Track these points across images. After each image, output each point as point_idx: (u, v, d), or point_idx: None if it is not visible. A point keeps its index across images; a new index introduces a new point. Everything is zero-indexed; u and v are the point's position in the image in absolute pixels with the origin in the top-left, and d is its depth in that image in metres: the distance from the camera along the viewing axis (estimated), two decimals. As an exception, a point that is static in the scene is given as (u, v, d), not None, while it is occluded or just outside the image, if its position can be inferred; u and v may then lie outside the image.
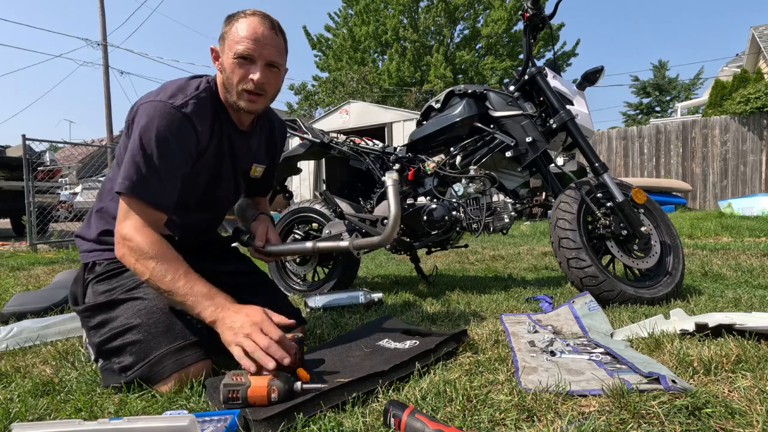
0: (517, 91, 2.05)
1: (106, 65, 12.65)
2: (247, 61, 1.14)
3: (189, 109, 1.13)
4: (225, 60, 1.16)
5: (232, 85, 1.16)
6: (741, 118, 8.03)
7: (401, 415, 0.75)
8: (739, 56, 15.11)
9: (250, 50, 1.13)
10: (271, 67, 1.17)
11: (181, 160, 1.12)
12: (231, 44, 1.13)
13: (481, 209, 1.98)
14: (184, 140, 1.12)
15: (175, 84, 1.19)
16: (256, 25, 1.13)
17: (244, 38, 1.12)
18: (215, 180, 1.30)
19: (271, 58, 1.16)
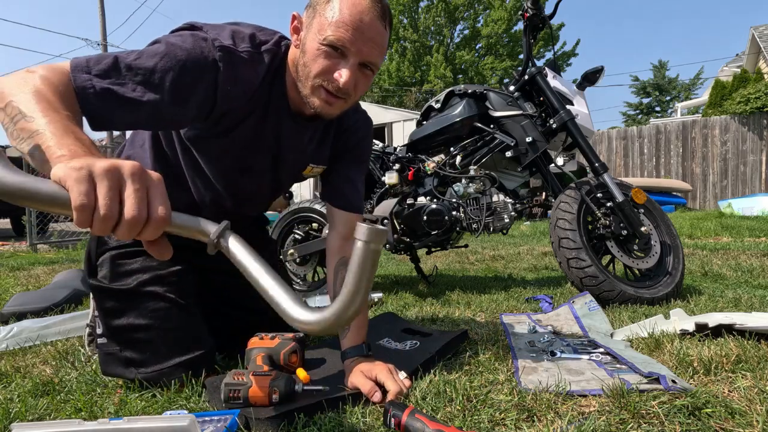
0: (517, 91, 2.06)
1: (106, 65, 12.64)
2: (336, 53, 0.87)
3: (226, 55, 0.86)
4: (308, 40, 0.88)
5: (309, 74, 0.90)
6: (741, 118, 8.03)
7: (401, 415, 0.75)
8: (739, 56, 15.12)
9: (345, 41, 0.85)
10: (364, 67, 0.91)
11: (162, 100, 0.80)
12: (323, 23, 0.85)
13: (481, 209, 1.98)
14: (185, 83, 0.83)
15: (247, 27, 0.95)
16: (363, 9, 0.85)
17: (343, 23, 0.84)
18: (241, 172, 1.06)
19: (369, 58, 0.89)
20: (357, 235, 0.53)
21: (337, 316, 0.56)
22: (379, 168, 2.18)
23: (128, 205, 0.49)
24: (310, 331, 0.57)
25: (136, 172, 0.50)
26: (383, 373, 0.91)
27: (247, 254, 0.59)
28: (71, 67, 0.73)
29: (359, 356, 0.99)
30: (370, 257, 0.53)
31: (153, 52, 0.81)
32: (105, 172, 0.49)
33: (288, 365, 1.02)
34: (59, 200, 0.48)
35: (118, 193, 0.49)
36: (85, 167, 0.48)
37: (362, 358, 0.98)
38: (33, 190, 0.47)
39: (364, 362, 0.96)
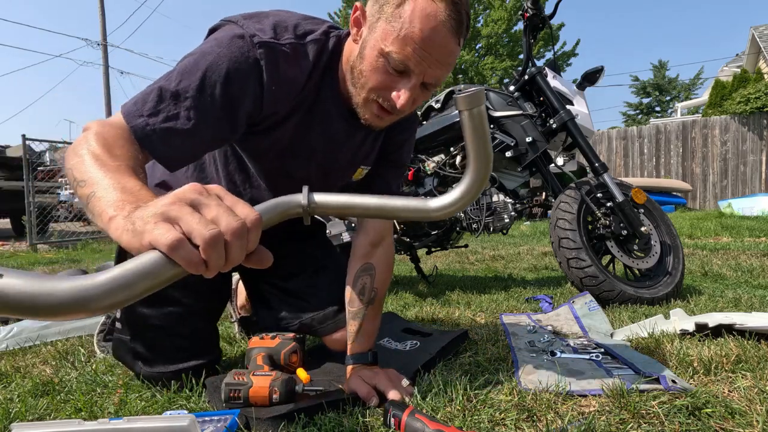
0: (517, 91, 2.06)
1: (106, 65, 12.66)
2: (398, 71, 0.78)
3: (267, 53, 0.77)
4: (369, 44, 0.78)
5: (364, 84, 0.81)
6: (741, 118, 8.03)
7: (401, 415, 0.75)
8: (739, 56, 15.12)
9: (410, 62, 0.76)
10: (425, 86, 0.82)
11: (215, 118, 0.75)
12: (388, 32, 0.75)
13: (481, 209, 1.98)
14: (238, 86, 0.76)
15: (293, 16, 0.85)
16: (437, 24, 0.73)
17: (412, 39, 0.74)
18: (284, 175, 0.97)
19: (432, 80, 0.80)
20: (458, 107, 0.52)
21: (469, 190, 0.56)
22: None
23: (221, 221, 0.42)
24: (451, 213, 0.57)
25: (199, 190, 0.44)
26: (383, 382, 0.89)
27: (342, 197, 0.57)
28: (125, 117, 0.70)
29: (363, 364, 0.98)
30: (477, 122, 0.52)
31: (193, 68, 0.74)
32: (172, 203, 0.43)
33: (288, 365, 1.02)
34: (155, 265, 0.39)
35: (202, 215, 0.42)
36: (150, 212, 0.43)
37: (365, 366, 0.97)
38: (131, 279, 0.38)
39: (366, 369, 0.95)
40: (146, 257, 0.39)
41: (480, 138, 0.53)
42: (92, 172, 0.55)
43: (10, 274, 0.34)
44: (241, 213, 0.44)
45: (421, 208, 0.56)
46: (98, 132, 0.64)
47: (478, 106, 0.51)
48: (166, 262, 0.39)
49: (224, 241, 0.41)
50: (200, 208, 0.43)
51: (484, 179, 0.56)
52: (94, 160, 0.57)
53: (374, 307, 1.02)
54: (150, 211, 0.43)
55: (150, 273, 0.38)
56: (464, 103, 0.51)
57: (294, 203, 0.54)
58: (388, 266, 1.06)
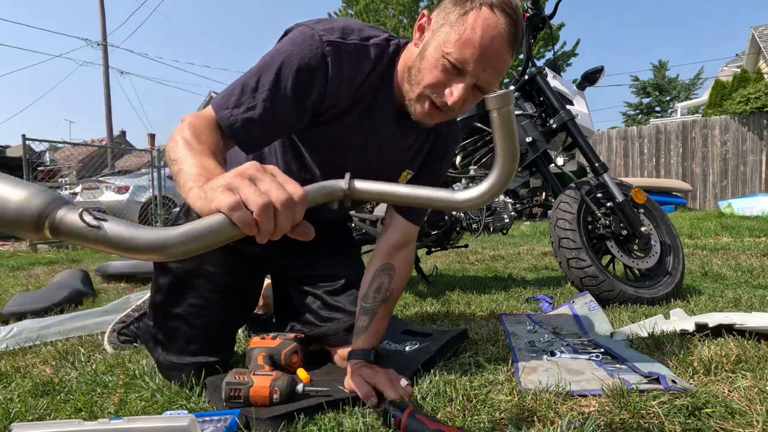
0: (517, 91, 2.06)
1: (106, 65, 12.66)
2: (455, 70, 0.84)
3: (334, 50, 0.86)
4: (431, 46, 0.85)
5: (420, 81, 0.87)
6: (741, 118, 8.03)
7: (401, 416, 0.75)
8: (739, 56, 15.12)
9: (467, 62, 0.82)
10: (477, 89, 0.87)
11: (283, 97, 0.84)
12: (450, 37, 0.83)
13: (481, 209, 1.98)
14: (308, 77, 0.85)
15: (358, 23, 0.94)
16: (495, 34, 0.81)
17: (471, 43, 0.81)
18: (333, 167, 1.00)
19: (485, 83, 0.86)
20: (488, 107, 0.56)
21: (495, 185, 0.60)
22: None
23: (273, 193, 0.49)
24: (480, 204, 0.62)
25: (258, 168, 0.52)
26: (383, 381, 0.90)
27: (380, 185, 0.62)
28: (215, 109, 0.82)
29: (363, 360, 0.98)
30: (506, 120, 0.56)
31: (270, 64, 0.84)
32: (234, 176, 0.51)
33: (289, 365, 1.02)
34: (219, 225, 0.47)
35: (257, 187, 0.50)
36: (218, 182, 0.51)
37: (366, 364, 0.98)
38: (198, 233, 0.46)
39: (366, 367, 0.95)
40: (213, 218, 0.48)
41: (508, 136, 0.57)
42: (181, 153, 0.67)
43: (113, 221, 0.43)
44: (289, 189, 0.51)
45: (449, 199, 0.61)
46: (191, 122, 0.76)
47: (507, 105, 0.54)
48: (228, 222, 0.48)
49: (274, 209, 0.49)
50: (256, 181, 0.50)
51: (510, 175, 0.60)
52: (184, 144, 0.69)
53: (387, 306, 1.04)
54: (218, 182, 0.51)
55: (215, 230, 0.47)
56: (494, 103, 0.54)
57: (337, 187, 0.60)
58: (406, 270, 1.08)
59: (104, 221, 0.42)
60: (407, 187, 0.62)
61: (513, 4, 0.83)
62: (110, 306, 1.83)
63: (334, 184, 0.60)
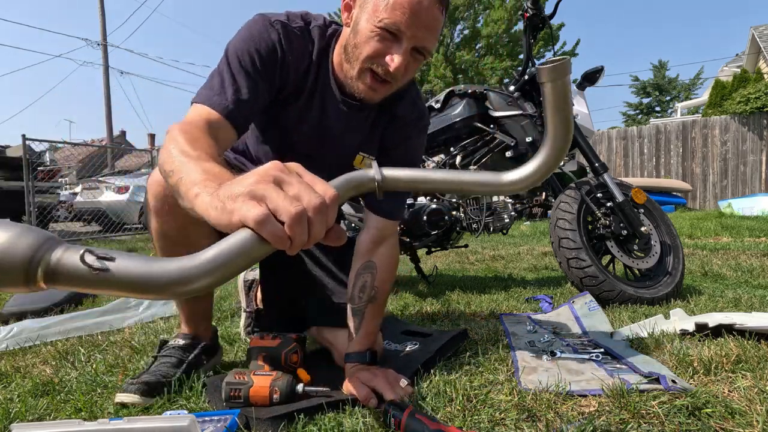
0: (517, 91, 2.06)
1: (106, 65, 12.66)
2: (391, 36, 0.85)
3: (283, 29, 0.92)
4: (362, 20, 0.87)
5: (358, 56, 0.88)
6: (741, 118, 8.03)
7: (401, 416, 0.75)
8: (739, 56, 15.11)
9: (401, 24, 0.83)
10: (416, 52, 0.88)
11: (255, 68, 0.89)
12: (378, 4, 0.84)
13: (481, 209, 1.98)
14: (268, 51, 0.91)
15: (302, 11, 1.00)
16: None
17: (400, 5, 0.82)
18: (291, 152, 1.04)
19: (423, 43, 0.87)
20: (541, 79, 0.51)
21: (546, 162, 0.55)
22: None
23: (304, 197, 0.43)
24: (529, 185, 0.57)
25: (282, 168, 0.46)
26: (381, 383, 0.89)
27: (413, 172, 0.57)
28: (206, 102, 0.83)
29: (360, 363, 0.98)
30: (561, 93, 0.51)
31: (236, 51, 0.89)
32: (257, 182, 0.44)
33: (289, 365, 1.02)
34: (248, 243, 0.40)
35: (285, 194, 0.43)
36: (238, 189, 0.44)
37: (363, 366, 0.97)
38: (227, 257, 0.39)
39: (364, 370, 0.95)
40: (238, 236, 0.40)
41: (561, 110, 0.52)
42: (178, 161, 0.62)
43: (122, 257, 0.36)
44: (320, 190, 0.45)
45: (494, 182, 0.56)
46: (181, 129, 0.72)
47: (563, 77, 0.50)
48: (257, 239, 0.40)
49: (308, 217, 0.43)
50: (283, 185, 0.44)
51: (563, 151, 0.55)
52: (180, 153, 0.64)
53: (375, 305, 1.02)
54: (237, 189, 0.44)
55: (243, 251, 0.40)
56: (548, 75, 0.50)
57: (367, 178, 0.54)
58: (390, 265, 1.07)
59: (111, 261, 0.35)
60: (445, 172, 0.57)
61: None
62: (110, 306, 1.83)
63: (363, 175, 0.54)
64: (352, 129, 1.05)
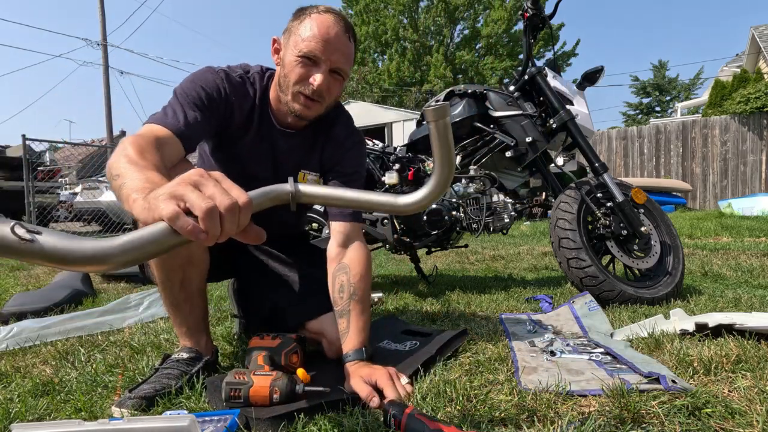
0: (517, 91, 2.05)
1: (106, 65, 12.65)
2: (310, 62, 1.04)
3: (226, 76, 1.10)
4: (286, 56, 1.07)
5: (289, 84, 1.07)
6: (741, 118, 8.03)
7: (401, 416, 0.75)
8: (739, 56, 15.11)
9: (316, 51, 1.02)
10: (335, 74, 1.08)
11: (201, 102, 1.04)
12: (297, 41, 1.04)
13: (481, 209, 1.98)
14: (212, 90, 1.06)
15: (241, 64, 1.19)
16: (329, 25, 1.03)
17: (313, 37, 1.02)
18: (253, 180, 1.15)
19: (337, 65, 1.06)
20: (427, 119, 0.59)
21: (435, 188, 0.63)
22: (379, 168, 2.18)
23: (217, 197, 0.51)
24: (419, 208, 0.65)
25: (202, 174, 0.54)
26: (383, 379, 0.90)
27: (324, 189, 0.66)
28: (159, 123, 0.95)
29: (358, 360, 1.00)
30: (442, 132, 0.59)
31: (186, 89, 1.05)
32: (178, 184, 0.52)
33: (289, 365, 1.02)
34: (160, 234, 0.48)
35: (201, 193, 0.51)
36: (161, 192, 0.52)
37: (362, 363, 0.99)
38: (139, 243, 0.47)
39: (365, 367, 0.96)
40: (154, 226, 0.48)
41: (444, 146, 0.60)
42: (124, 168, 0.69)
43: (48, 233, 0.42)
44: (234, 194, 0.53)
45: (392, 203, 0.64)
46: (133, 141, 0.81)
47: (444, 118, 0.58)
48: (169, 230, 0.48)
49: (219, 213, 0.50)
50: (200, 187, 0.52)
51: (447, 182, 0.63)
52: (128, 161, 0.72)
53: (357, 302, 1.07)
54: (161, 191, 0.52)
55: (155, 240, 0.47)
56: (432, 116, 0.58)
57: (283, 191, 0.62)
58: (361, 263, 1.13)
59: (38, 234, 0.41)
60: (351, 191, 0.65)
61: (335, 8, 1.08)
62: (110, 306, 1.83)
63: (279, 188, 0.62)
64: (293, 152, 1.21)
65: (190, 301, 1.10)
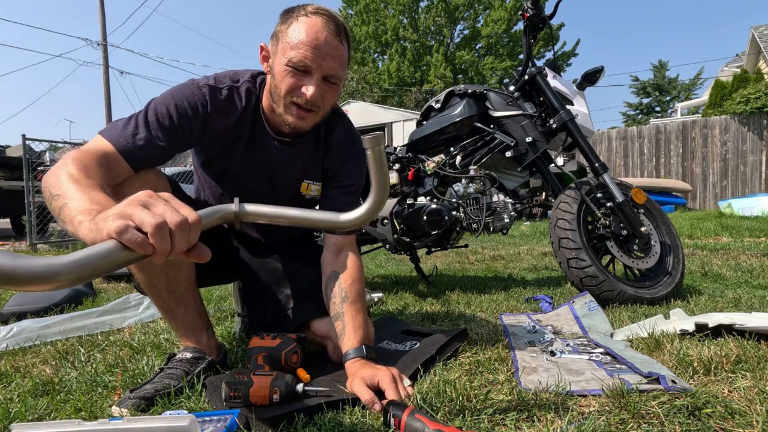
0: (517, 91, 2.05)
1: (106, 65, 12.66)
2: (301, 71, 0.98)
3: (210, 91, 1.04)
4: (276, 64, 1.01)
5: (280, 94, 1.02)
6: (741, 118, 8.03)
7: (401, 415, 0.75)
8: (739, 56, 15.11)
9: (307, 60, 0.96)
10: (328, 81, 1.01)
11: (170, 119, 0.99)
12: (285, 48, 0.98)
13: (481, 209, 1.98)
14: (185, 107, 1.01)
15: (228, 71, 1.12)
16: (318, 29, 0.96)
17: (302, 44, 0.96)
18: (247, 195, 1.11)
19: (330, 72, 0.99)
20: (364, 146, 0.63)
21: (372, 207, 0.68)
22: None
23: (167, 215, 0.51)
24: (357, 225, 0.69)
25: (151, 195, 0.54)
26: (385, 381, 0.88)
27: (270, 208, 0.68)
28: (109, 139, 0.91)
29: (359, 358, 0.98)
30: (378, 157, 0.64)
31: (155, 105, 1.00)
32: (127, 205, 0.52)
33: (289, 365, 1.02)
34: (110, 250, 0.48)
35: (151, 211, 0.51)
36: (110, 212, 0.52)
37: (363, 361, 0.97)
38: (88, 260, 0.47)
39: (367, 367, 0.94)
40: (104, 243, 0.49)
41: (380, 170, 0.65)
42: (65, 187, 0.67)
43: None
44: (184, 212, 0.53)
45: (333, 220, 0.69)
46: (75, 157, 0.78)
47: (378, 146, 0.63)
48: (119, 246, 0.49)
49: (169, 230, 0.51)
50: (150, 206, 0.52)
51: (383, 202, 0.68)
52: (69, 179, 0.70)
53: (350, 304, 1.06)
54: (110, 212, 0.53)
55: (105, 256, 0.48)
56: (368, 143, 0.63)
57: (229, 211, 0.65)
58: (352, 268, 1.13)
59: None
60: (296, 210, 0.69)
61: (324, 8, 1.00)
62: (110, 306, 1.83)
63: (225, 207, 0.65)
64: (292, 162, 1.17)
65: (182, 303, 1.09)
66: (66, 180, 0.69)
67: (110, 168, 0.87)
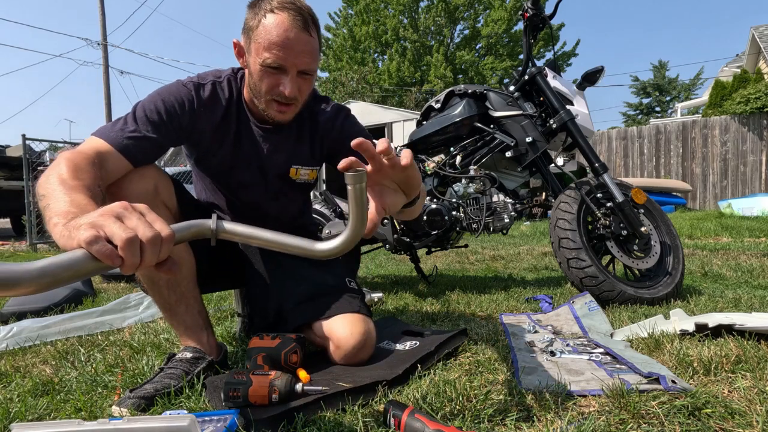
0: (517, 91, 2.06)
1: (106, 65, 12.66)
2: (276, 70, 1.02)
3: (194, 87, 1.10)
4: (252, 63, 1.04)
5: (260, 93, 1.06)
6: (741, 118, 8.03)
7: (401, 415, 0.75)
8: (739, 56, 15.11)
9: (280, 60, 1.00)
10: (303, 74, 1.06)
11: (159, 116, 1.03)
12: (258, 48, 1.01)
13: (481, 209, 1.98)
14: (173, 103, 1.06)
15: (215, 69, 1.18)
16: (287, 27, 0.98)
17: (274, 45, 0.99)
18: (241, 187, 1.22)
19: (303, 67, 1.03)
20: (346, 182, 0.64)
21: (348, 240, 0.68)
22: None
23: (140, 229, 0.52)
24: (331, 256, 0.69)
25: (126, 206, 0.54)
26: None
27: (248, 228, 0.68)
28: (102, 136, 0.94)
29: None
30: (358, 194, 0.65)
31: (144, 103, 1.05)
32: (100, 215, 0.53)
33: (288, 365, 1.02)
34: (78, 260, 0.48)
35: (123, 224, 0.52)
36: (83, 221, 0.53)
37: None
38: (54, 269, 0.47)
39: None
40: (71, 253, 0.49)
41: (359, 207, 0.66)
42: (51, 188, 0.68)
43: None
44: (157, 227, 0.54)
45: (308, 248, 0.68)
46: (68, 158, 0.79)
47: (361, 183, 0.64)
48: (88, 256, 0.49)
49: (140, 244, 0.51)
50: (123, 219, 0.53)
51: (359, 236, 0.69)
52: (57, 180, 0.70)
53: None
54: (83, 220, 0.53)
55: (71, 265, 0.48)
56: (350, 180, 0.64)
57: (206, 227, 0.65)
58: None
59: None
60: (272, 233, 0.69)
61: (287, 3, 0.99)
62: (110, 306, 1.83)
63: (202, 223, 0.65)
64: (277, 149, 1.20)
65: (183, 301, 1.09)
66: (54, 180, 0.70)
67: (105, 166, 0.89)
